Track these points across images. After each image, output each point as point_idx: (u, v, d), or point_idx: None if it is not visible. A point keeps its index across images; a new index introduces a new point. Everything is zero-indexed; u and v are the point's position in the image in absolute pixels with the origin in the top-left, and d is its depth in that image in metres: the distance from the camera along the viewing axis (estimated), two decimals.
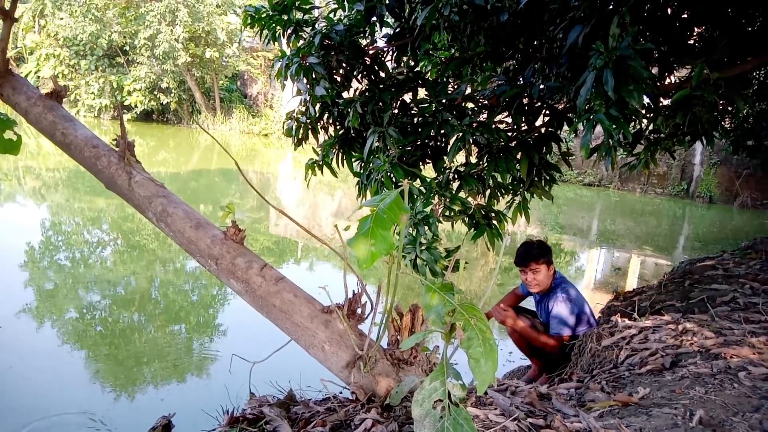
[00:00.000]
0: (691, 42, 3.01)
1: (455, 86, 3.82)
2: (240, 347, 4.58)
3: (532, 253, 3.23)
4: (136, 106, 22.81)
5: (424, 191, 3.49)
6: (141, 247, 7.80)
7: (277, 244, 9.17)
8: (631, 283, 8.13)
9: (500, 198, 3.87)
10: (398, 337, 1.53)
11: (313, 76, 3.02)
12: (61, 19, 21.66)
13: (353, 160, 3.78)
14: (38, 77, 22.69)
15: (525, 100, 3.03)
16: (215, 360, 4.46)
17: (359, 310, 1.59)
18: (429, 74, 4.32)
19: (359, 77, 3.49)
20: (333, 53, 3.05)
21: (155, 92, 22.79)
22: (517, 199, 3.84)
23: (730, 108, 2.75)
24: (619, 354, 2.06)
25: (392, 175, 3.19)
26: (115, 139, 2.01)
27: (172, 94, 22.77)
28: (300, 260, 8.57)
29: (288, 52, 3.14)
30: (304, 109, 3.70)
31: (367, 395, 1.46)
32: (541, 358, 3.10)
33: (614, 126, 2.35)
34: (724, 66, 2.68)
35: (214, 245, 1.62)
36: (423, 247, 3.43)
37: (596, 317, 3.13)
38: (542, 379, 2.99)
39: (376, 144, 3.10)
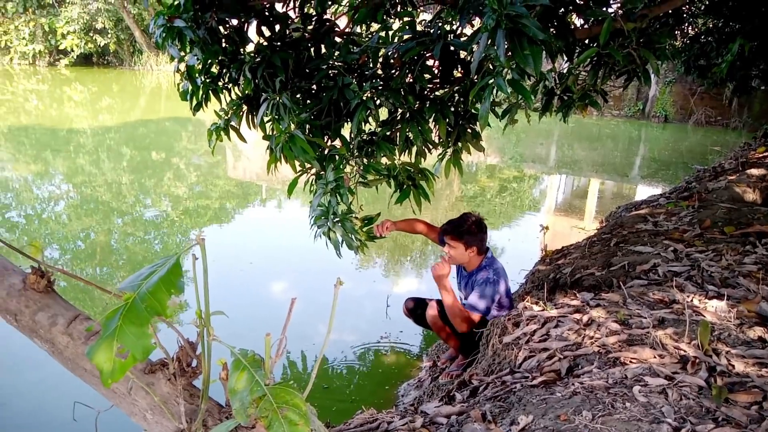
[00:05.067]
0: None
1: (368, 36, 3.45)
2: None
3: (451, 229, 3.03)
4: (72, 50, 21.32)
5: (336, 158, 3.21)
6: (95, 199, 7.49)
7: (238, 187, 8.86)
8: (591, 208, 8.13)
9: (430, 152, 3.62)
10: None
11: (188, 41, 2.63)
12: None
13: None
14: None
15: (430, 62, 2.71)
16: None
17: (194, 363, 1.36)
18: (346, 15, 3.90)
19: (256, 32, 3.10)
20: (210, 12, 2.65)
21: (91, 34, 21.28)
22: (449, 151, 3.59)
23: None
24: (518, 355, 1.90)
25: (292, 147, 2.88)
26: None
27: (109, 35, 21.30)
28: (266, 201, 8.38)
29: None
30: (200, 67, 3.29)
31: None
32: (456, 338, 2.94)
33: (515, 92, 2.10)
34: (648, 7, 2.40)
35: (10, 298, 1.35)
36: (336, 219, 3.19)
37: (515, 291, 2.99)
38: (459, 362, 2.87)
39: (270, 116, 2.77)
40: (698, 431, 1.42)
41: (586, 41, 2.70)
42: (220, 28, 2.84)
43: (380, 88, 2.81)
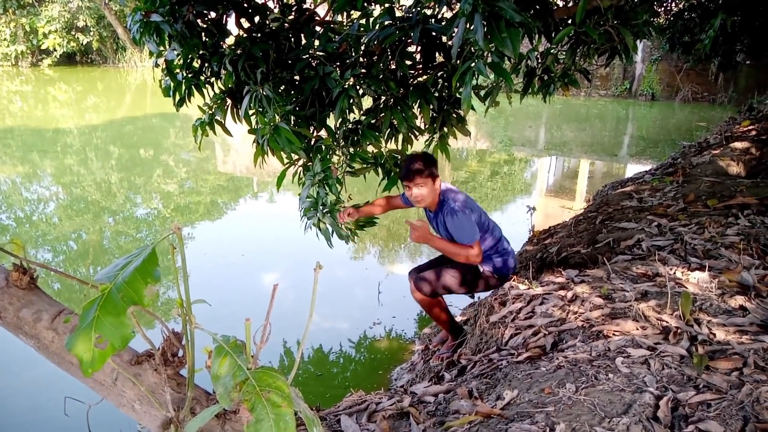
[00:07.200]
0: None
1: (349, 24, 3.44)
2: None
3: (415, 167, 2.88)
4: (54, 49, 21.08)
5: (323, 149, 3.21)
6: (85, 199, 7.48)
7: (229, 181, 8.84)
8: (581, 188, 8.16)
9: (417, 139, 3.62)
10: None
11: (167, 35, 2.62)
12: None
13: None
14: None
15: (411, 48, 2.71)
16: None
17: (180, 353, 1.37)
18: (326, 3, 3.88)
19: (235, 24, 3.08)
20: (187, 5, 2.63)
21: (73, 32, 21.03)
22: (435, 137, 3.60)
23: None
24: (504, 333, 1.93)
25: (277, 139, 2.88)
26: None
27: (92, 33, 21.06)
28: (256, 194, 8.37)
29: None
30: (180, 62, 3.27)
31: None
32: (446, 315, 2.92)
33: (495, 74, 2.11)
34: None
35: None
36: (325, 210, 3.20)
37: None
38: (449, 343, 2.89)
39: (254, 108, 2.77)
40: (680, 399, 1.45)
41: (569, 21, 2.71)
42: (198, 21, 2.83)
43: (362, 75, 2.81)
